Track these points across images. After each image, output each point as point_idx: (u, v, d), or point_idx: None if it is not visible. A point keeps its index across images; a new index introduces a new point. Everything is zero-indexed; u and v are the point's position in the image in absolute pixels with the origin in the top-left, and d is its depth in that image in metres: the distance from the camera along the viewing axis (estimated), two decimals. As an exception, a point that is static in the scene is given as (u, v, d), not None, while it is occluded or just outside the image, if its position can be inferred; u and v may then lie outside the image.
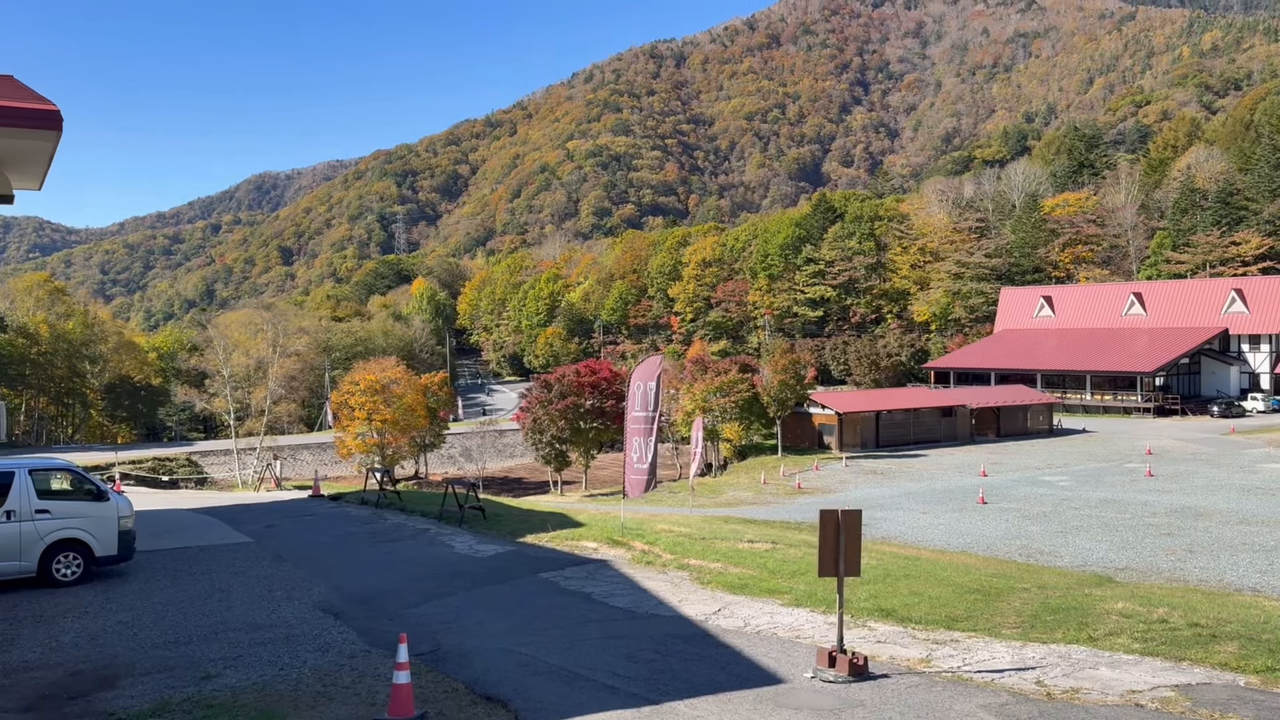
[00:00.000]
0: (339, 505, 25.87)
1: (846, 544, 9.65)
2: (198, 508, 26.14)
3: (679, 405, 60.78)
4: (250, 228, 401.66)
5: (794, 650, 11.14)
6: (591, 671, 10.28)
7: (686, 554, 17.32)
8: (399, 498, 24.87)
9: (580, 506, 30.97)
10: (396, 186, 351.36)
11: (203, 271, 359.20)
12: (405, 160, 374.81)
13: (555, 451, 58.02)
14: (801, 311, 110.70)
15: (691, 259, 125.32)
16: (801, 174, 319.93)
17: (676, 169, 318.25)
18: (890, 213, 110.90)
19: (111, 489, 16.06)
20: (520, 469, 75.60)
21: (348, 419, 65.19)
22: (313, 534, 20.58)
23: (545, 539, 19.16)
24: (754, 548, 18.64)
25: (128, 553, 15.85)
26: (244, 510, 25.31)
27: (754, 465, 56.64)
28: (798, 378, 58.77)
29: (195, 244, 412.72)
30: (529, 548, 18.52)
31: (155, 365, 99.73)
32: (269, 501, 28.14)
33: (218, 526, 21.74)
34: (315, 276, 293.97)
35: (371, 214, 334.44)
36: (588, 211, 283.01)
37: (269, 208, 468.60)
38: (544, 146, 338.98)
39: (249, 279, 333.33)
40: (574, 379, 57.24)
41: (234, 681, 10.38)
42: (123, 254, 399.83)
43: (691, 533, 20.40)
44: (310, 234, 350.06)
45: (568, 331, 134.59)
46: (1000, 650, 11.23)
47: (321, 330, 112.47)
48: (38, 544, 14.79)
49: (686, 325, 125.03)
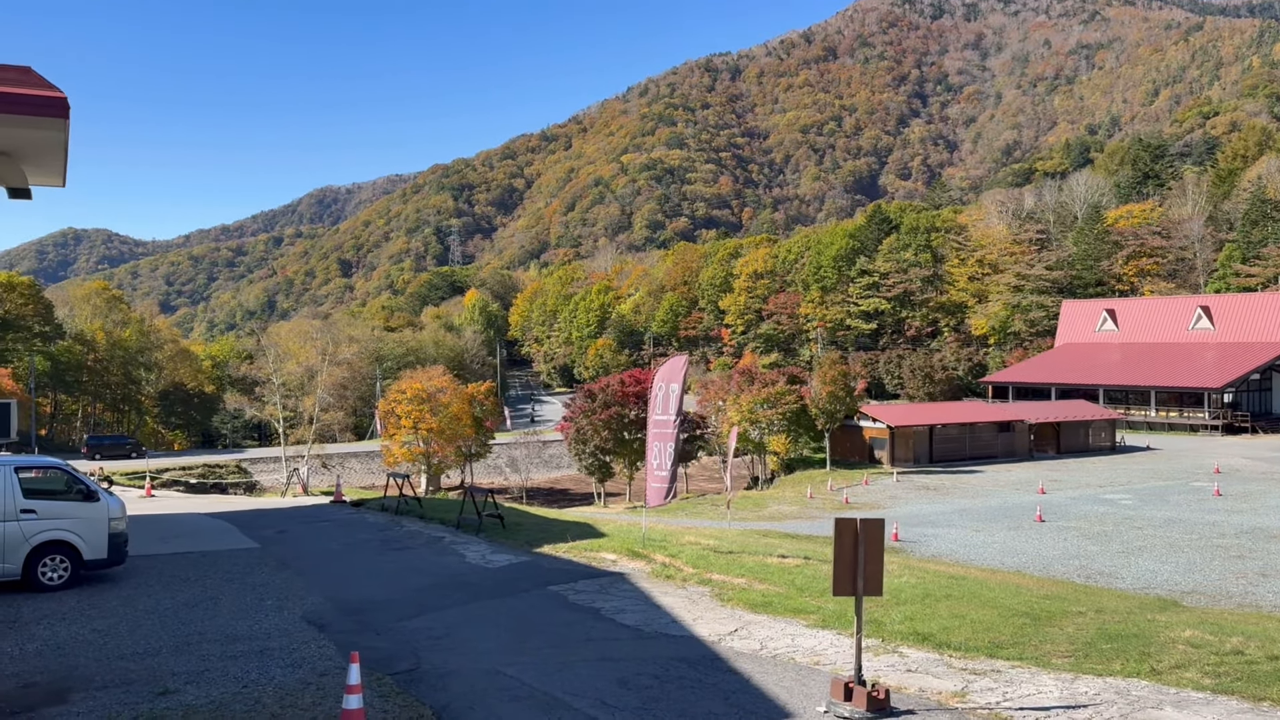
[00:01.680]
0: (357, 512, 25.20)
1: (866, 557, 8.41)
2: (215, 512, 25.64)
3: (725, 417, 59.57)
4: (311, 240, 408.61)
5: (811, 679, 9.88)
6: (575, 698, 9.13)
7: (710, 568, 16.12)
8: (419, 505, 24.10)
9: (612, 517, 29.90)
10: (453, 200, 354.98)
11: (264, 283, 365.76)
12: (462, 174, 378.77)
13: (599, 462, 57.09)
14: (855, 324, 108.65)
15: (743, 271, 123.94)
16: (857, 187, 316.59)
17: (730, 182, 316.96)
18: (948, 224, 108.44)
19: (104, 489, 15.32)
20: (565, 480, 74.87)
21: (394, 427, 65.13)
22: (322, 540, 19.81)
23: (563, 549, 18.10)
24: (784, 563, 17.36)
25: (119, 556, 15.10)
26: (260, 515, 24.71)
27: (801, 479, 55.15)
28: (847, 389, 57.22)
29: (258, 256, 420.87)
30: (544, 558, 17.47)
31: (209, 373, 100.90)
32: (289, 507, 27.57)
33: (228, 531, 21.11)
34: (373, 288, 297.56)
35: (428, 227, 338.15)
36: (641, 224, 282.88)
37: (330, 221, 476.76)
38: (598, 160, 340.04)
39: (309, 291, 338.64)
40: (618, 389, 56.27)
41: (190, 699, 9.45)
42: (187, 266, 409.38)
43: (719, 546, 19.19)
44: (369, 247, 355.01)
45: (618, 343, 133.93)
46: (1048, 683, 9.86)
47: (373, 340, 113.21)
48: (22, 546, 14.08)
49: (737, 337, 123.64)
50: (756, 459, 60.87)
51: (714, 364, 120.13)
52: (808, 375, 63.82)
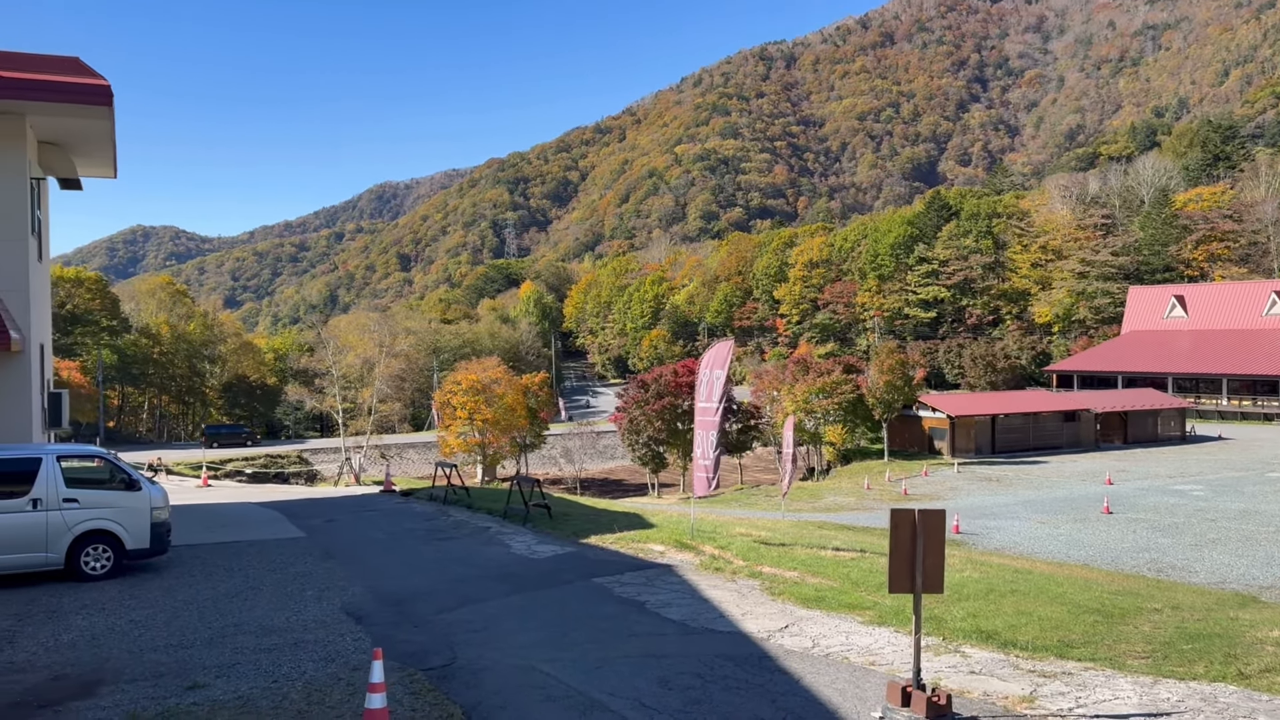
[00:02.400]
0: (406, 501, 25.04)
1: (926, 551, 7.74)
2: (266, 501, 25.67)
3: (780, 407, 58.76)
4: (371, 235, 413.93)
5: (866, 681, 9.24)
6: (613, 699, 8.61)
7: (760, 560, 15.50)
8: (467, 494, 23.86)
9: (663, 508, 29.39)
10: (509, 194, 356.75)
11: (326, 278, 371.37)
12: (517, 168, 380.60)
13: (652, 453, 56.63)
14: (913, 313, 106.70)
15: (798, 260, 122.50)
16: (916, 174, 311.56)
17: (785, 171, 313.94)
18: (1010, 209, 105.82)
19: (146, 479, 15.17)
20: (620, 471, 74.59)
21: (450, 418, 65.43)
22: (369, 530, 19.60)
23: (610, 540, 17.63)
24: (839, 556, 16.69)
25: (161, 546, 14.94)
26: (311, 505, 24.66)
27: (858, 470, 54.33)
28: (906, 378, 56.03)
29: (320, 251, 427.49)
30: (590, 549, 17.02)
31: (271, 366, 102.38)
32: (340, 496, 27.54)
33: (277, 521, 21.02)
34: (431, 282, 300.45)
35: (484, 221, 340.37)
36: (695, 215, 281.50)
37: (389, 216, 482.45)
38: (652, 152, 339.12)
39: (369, 285, 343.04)
40: (671, 379, 55.69)
41: (218, 694, 9.13)
42: (252, 261, 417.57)
43: (770, 537, 18.57)
44: (427, 241, 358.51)
45: (672, 334, 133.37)
46: (1125, 687, 9.10)
47: (430, 332, 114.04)
48: (65, 535, 13.97)
49: (792, 327, 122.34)
50: (812, 449, 60.04)
51: (769, 354, 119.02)
52: (864, 365, 62.72)
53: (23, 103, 16.75)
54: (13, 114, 17.14)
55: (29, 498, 13.72)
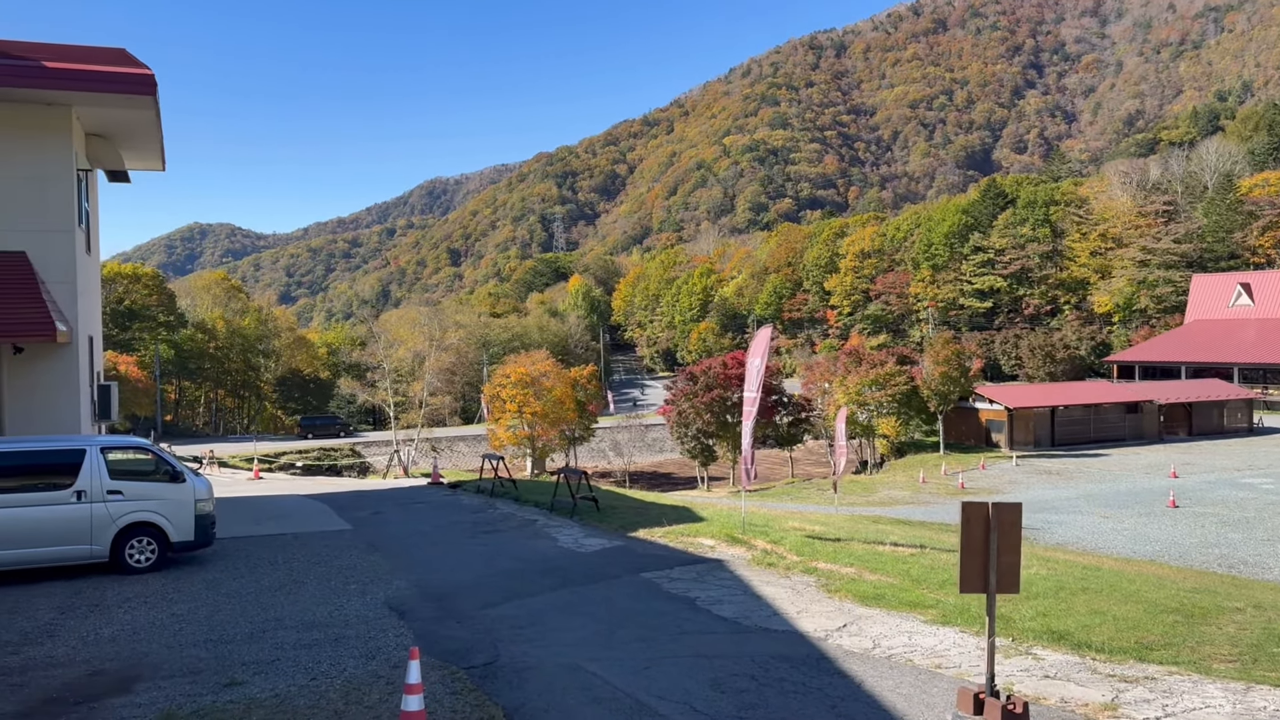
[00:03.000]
0: (453, 494, 24.89)
1: (1000, 548, 7.17)
2: (314, 494, 25.67)
3: (831, 399, 58.01)
4: (422, 231, 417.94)
5: (933, 685, 8.68)
6: (661, 702, 8.15)
7: (815, 556, 14.96)
8: (514, 487, 23.59)
9: (712, 501, 28.94)
10: (557, 188, 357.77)
11: (379, 273, 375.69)
12: (565, 162, 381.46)
13: (701, 445, 56.14)
14: (968, 303, 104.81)
15: (849, 250, 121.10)
16: (970, 162, 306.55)
17: (836, 161, 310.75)
18: (1068, 196, 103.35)
19: (190, 470, 15.04)
20: (668, 464, 74.23)
21: (499, 411, 65.61)
22: (415, 522, 19.41)
23: (658, 534, 17.19)
24: (897, 551, 16.08)
25: (205, 539, 14.80)
26: (359, 497, 24.60)
27: (913, 463, 53.46)
28: (961, 370, 55.00)
29: (372, 247, 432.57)
30: (638, 543, 16.60)
31: (324, 360, 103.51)
32: (388, 489, 27.52)
33: (324, 513, 20.92)
34: (480, 276, 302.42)
35: (533, 215, 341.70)
36: (744, 207, 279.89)
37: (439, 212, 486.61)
38: (700, 143, 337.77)
39: (420, 280, 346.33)
40: (720, 371, 55.11)
41: (255, 691, 8.85)
42: (306, 257, 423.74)
43: (824, 532, 18.00)
44: (476, 236, 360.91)
45: (721, 326, 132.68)
46: (1215, 694, 8.43)
47: (479, 326, 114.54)
48: (109, 527, 13.86)
49: (843, 319, 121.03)
50: (865, 442, 59.25)
51: (819, 346, 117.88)
52: (918, 356, 61.69)
53: (67, 93, 16.71)
54: (58, 105, 17.12)
55: (73, 489, 13.63)
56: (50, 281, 16.95)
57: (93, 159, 19.75)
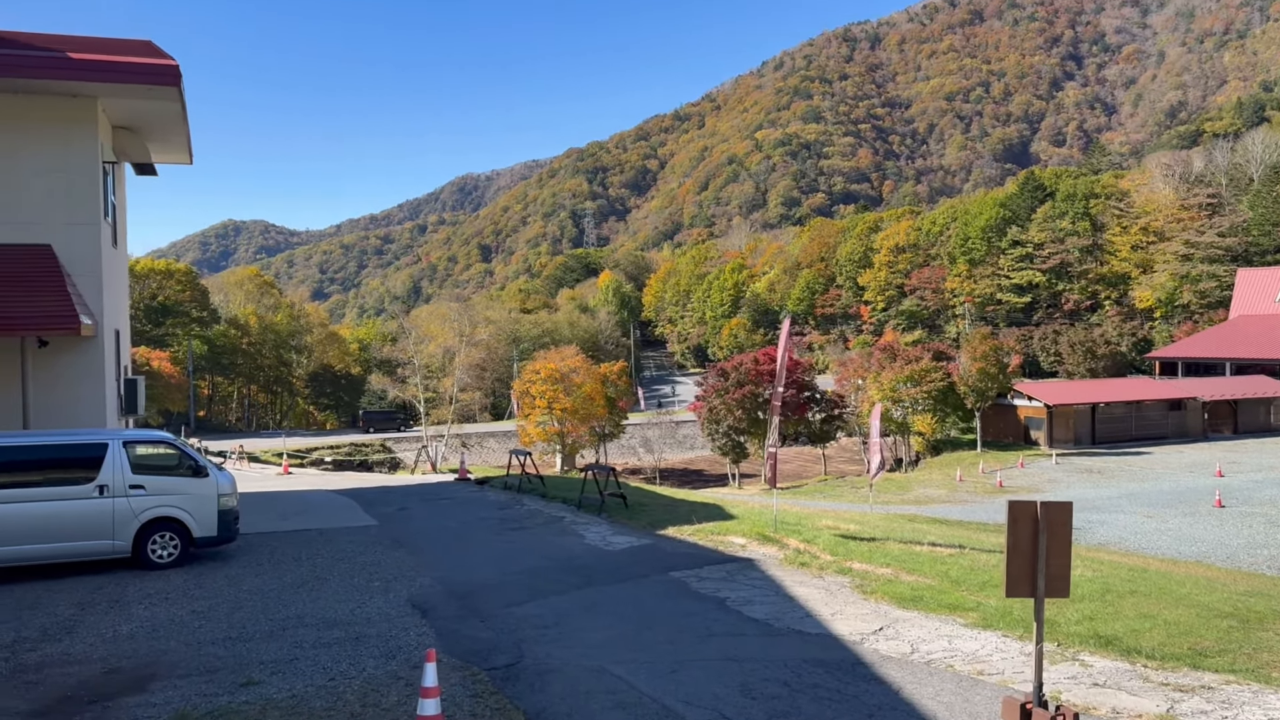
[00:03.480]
0: (480, 490, 24.78)
1: (1050, 549, 6.79)
2: (342, 489, 25.66)
3: (865, 395, 57.47)
4: (453, 227, 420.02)
5: (975, 692, 8.29)
6: (690, 708, 7.84)
7: (850, 555, 14.58)
8: (541, 483, 23.43)
9: (744, 499, 28.58)
10: (587, 183, 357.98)
11: (410, 270, 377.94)
12: (596, 157, 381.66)
13: (732, 442, 55.83)
14: (1006, 298, 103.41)
15: (883, 245, 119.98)
16: (1007, 155, 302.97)
17: (870, 155, 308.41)
18: (1108, 189, 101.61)
19: (214, 465, 14.94)
20: (699, 461, 73.94)
21: (529, 407, 65.64)
22: (441, 519, 19.28)
23: (688, 532, 16.90)
24: (936, 551, 15.65)
25: (229, 534, 14.69)
26: (385, 493, 24.55)
27: (949, 461, 52.88)
28: (999, 365, 54.32)
29: (404, 244, 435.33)
30: (666, 541, 16.31)
31: (356, 355, 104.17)
32: (415, 484, 27.47)
33: (350, 509, 20.85)
34: (511, 273, 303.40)
35: (564, 211, 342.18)
36: (776, 202, 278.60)
37: (470, 208, 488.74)
38: (732, 138, 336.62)
39: (451, 276, 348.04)
40: (751, 367, 54.74)
41: (271, 691, 8.66)
42: (339, 254, 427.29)
43: (859, 531, 17.61)
44: (507, 232, 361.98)
45: (752, 322, 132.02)
46: (1278, 706, 7.99)
47: (510, 322, 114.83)
48: (132, 522, 13.76)
49: (877, 315, 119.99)
50: (900, 440, 58.71)
51: (853, 342, 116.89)
52: (954, 352, 61.04)
53: (92, 85, 16.65)
54: (84, 97, 17.08)
55: (95, 484, 13.54)
56: (76, 275, 16.92)
57: (119, 151, 19.73)
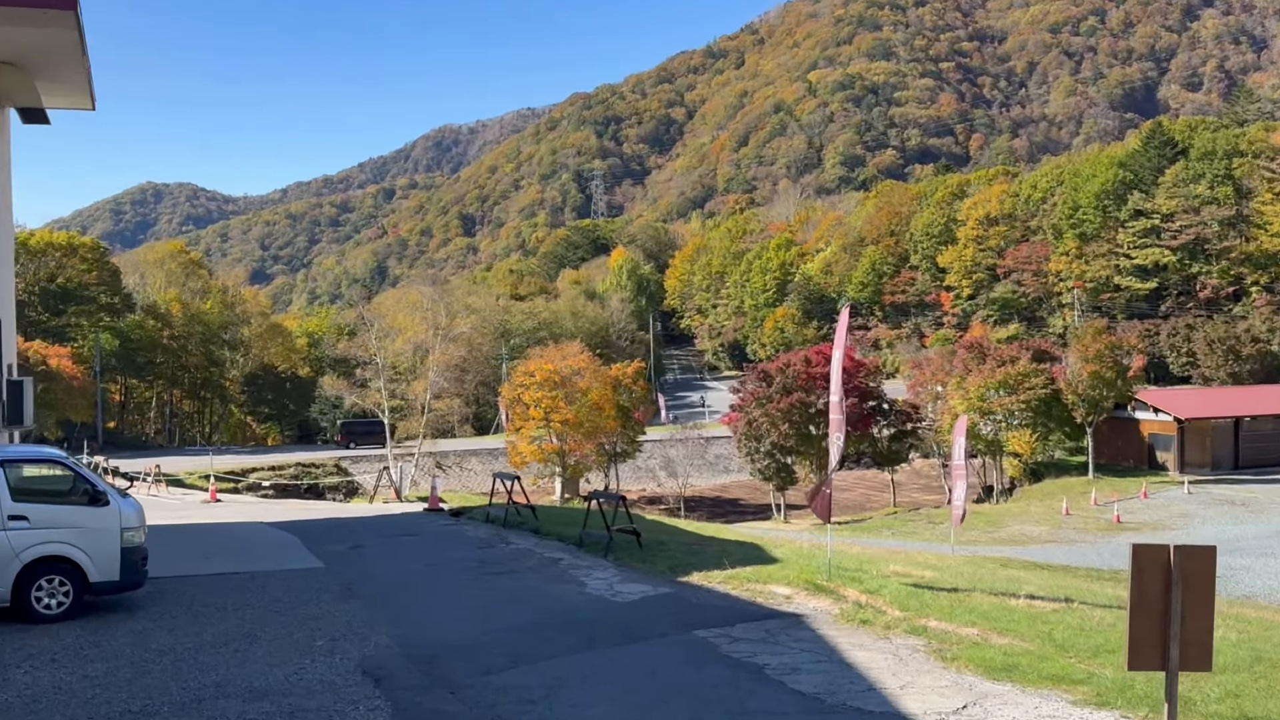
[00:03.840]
0: (455, 523, 24.84)
1: (1186, 608, 6.55)
2: (282, 521, 25.72)
3: (946, 406, 57.32)
4: (427, 192, 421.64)
5: (1085, 792, 8.07)
6: (715, 811, 7.66)
7: (925, 611, 14.37)
8: (533, 515, 23.34)
9: (790, 536, 28.45)
10: (596, 137, 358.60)
11: (373, 245, 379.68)
12: (607, 105, 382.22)
13: (776, 465, 55.81)
14: (1126, 283, 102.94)
15: (970, 215, 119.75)
16: (1128, 102, 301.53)
17: (954, 101, 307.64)
18: (1256, 145, 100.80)
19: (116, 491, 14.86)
20: (736, 487, 73.99)
21: (520, 419, 65.69)
22: (404, 560, 19.31)
23: (718, 579, 16.76)
24: (1035, 606, 15.41)
25: (135, 578, 14.61)
26: (336, 526, 24.62)
27: (1052, 490, 52.70)
28: (1117, 368, 54.20)
29: (366, 213, 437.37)
30: (690, 591, 16.19)
31: (304, 353, 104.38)
32: (374, 516, 27.53)
33: (291, 547, 20.92)
34: (499, 249, 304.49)
35: (566, 172, 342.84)
36: (834, 161, 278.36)
37: (449, 168, 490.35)
38: (779, 80, 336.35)
39: (425, 253, 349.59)
40: (801, 369, 54.69)
41: (178, 783, 8.53)
42: (284, 225, 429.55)
43: (937, 579, 17.39)
44: (495, 198, 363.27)
45: (803, 313, 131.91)
46: None
47: (497, 311, 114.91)
48: (11, 563, 13.69)
49: (961, 303, 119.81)
50: (989, 462, 58.64)
51: (930, 338, 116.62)
52: (1061, 351, 60.83)
53: (-35, 8, 16.61)
54: (-46, 24, 17.05)
55: (-34, 514, 13.48)
56: (-57, 248, 16.90)
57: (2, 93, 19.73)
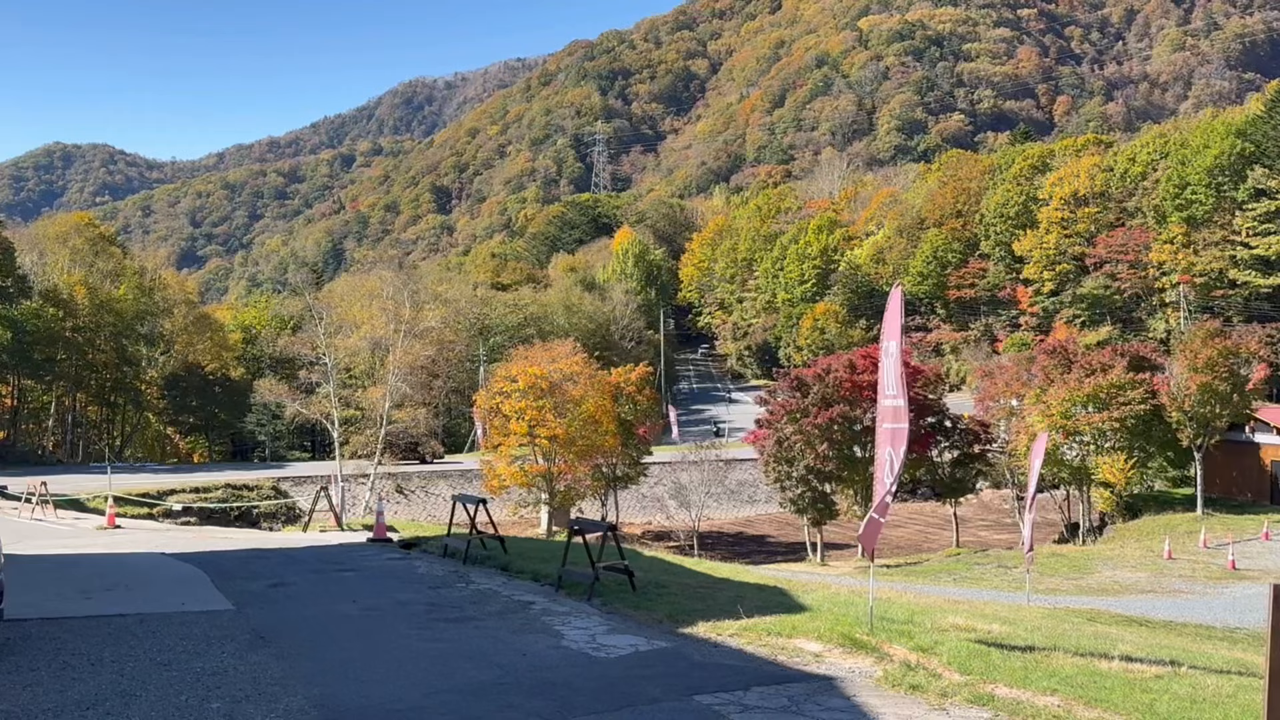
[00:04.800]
0: (406, 556, 24.52)
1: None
2: (191, 552, 25.39)
3: (1022, 423, 56.74)
4: (394, 159, 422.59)
5: None
6: None
7: (992, 675, 13.73)
8: (502, 548, 22.84)
9: (827, 579, 27.85)
10: (600, 94, 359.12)
11: (327, 223, 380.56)
12: (614, 55, 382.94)
13: (812, 494, 55.26)
14: (1244, 278, 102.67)
15: (1054, 193, 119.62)
16: (1248, 59, 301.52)
17: (1035, 56, 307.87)
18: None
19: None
20: (762, 521, 73.70)
21: (499, 433, 65.36)
22: (335, 601, 18.89)
23: (729, 631, 16.21)
24: (1133, 671, 14.77)
25: (-14, 619, 14.05)
26: (255, 559, 24.29)
27: (1151, 528, 52.41)
28: (1234, 380, 53.73)
29: (319, 183, 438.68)
30: (694, 645, 15.65)
31: (238, 350, 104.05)
32: (306, 547, 27.16)
33: (194, 583, 20.54)
34: (481, 229, 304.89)
35: (562, 136, 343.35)
36: (888, 126, 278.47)
37: (421, 130, 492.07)
38: (822, 28, 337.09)
39: (390, 233, 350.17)
40: (845, 376, 54.23)
41: None
42: (220, 197, 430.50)
43: (1007, 635, 16.81)
44: (476, 167, 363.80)
45: (849, 309, 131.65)
46: None
47: (475, 303, 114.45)
48: None
49: (1042, 300, 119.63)
50: (1075, 493, 58.27)
51: (1003, 342, 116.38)
52: (1163, 358, 60.39)
53: None
54: None
55: None
56: None
57: None
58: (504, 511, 70.17)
